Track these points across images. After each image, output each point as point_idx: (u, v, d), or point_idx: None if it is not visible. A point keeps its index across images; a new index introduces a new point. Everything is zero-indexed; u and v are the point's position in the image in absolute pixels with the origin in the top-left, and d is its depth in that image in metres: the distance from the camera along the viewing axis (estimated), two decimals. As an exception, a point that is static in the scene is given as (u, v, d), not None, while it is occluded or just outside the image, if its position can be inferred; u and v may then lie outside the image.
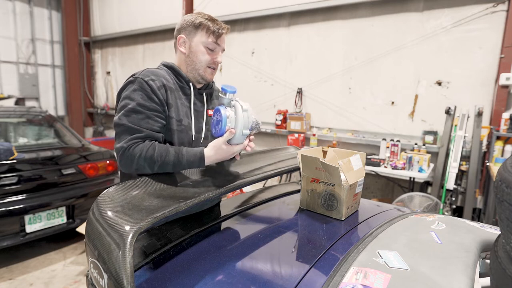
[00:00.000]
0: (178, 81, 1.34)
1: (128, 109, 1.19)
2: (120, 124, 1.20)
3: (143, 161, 1.15)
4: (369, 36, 4.18)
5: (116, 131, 1.22)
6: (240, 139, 1.18)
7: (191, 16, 1.33)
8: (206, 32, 1.30)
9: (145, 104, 1.20)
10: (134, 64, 7.15)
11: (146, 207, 0.97)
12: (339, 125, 4.56)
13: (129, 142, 1.17)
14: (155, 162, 1.15)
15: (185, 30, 1.33)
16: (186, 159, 1.18)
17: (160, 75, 1.28)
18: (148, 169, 1.17)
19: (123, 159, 1.17)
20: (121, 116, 1.20)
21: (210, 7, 5.51)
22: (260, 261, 1.00)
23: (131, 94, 1.21)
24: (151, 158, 1.15)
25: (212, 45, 1.31)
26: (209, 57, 1.32)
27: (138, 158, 1.15)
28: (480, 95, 3.57)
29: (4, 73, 7.08)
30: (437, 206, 3.17)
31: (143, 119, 1.19)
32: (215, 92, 1.50)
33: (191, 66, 1.34)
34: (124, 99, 1.22)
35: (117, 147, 1.19)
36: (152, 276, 0.95)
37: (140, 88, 1.21)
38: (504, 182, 0.70)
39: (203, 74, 1.34)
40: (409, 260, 0.90)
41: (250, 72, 5.29)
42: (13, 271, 2.96)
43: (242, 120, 1.15)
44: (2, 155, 2.83)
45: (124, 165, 1.18)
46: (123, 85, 1.26)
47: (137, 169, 1.17)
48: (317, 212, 1.32)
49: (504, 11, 3.38)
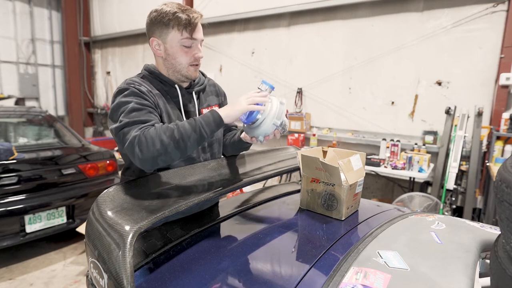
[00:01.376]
0: (163, 86, 1.28)
1: (127, 110, 1.11)
2: (123, 124, 1.09)
3: (162, 134, 1.04)
4: (369, 36, 4.18)
5: (120, 133, 1.09)
6: (268, 128, 1.16)
7: (157, 13, 1.21)
8: (178, 29, 1.19)
9: (143, 102, 1.15)
10: (134, 64, 7.15)
11: (146, 207, 0.97)
12: (339, 125, 4.56)
13: (140, 129, 1.06)
14: (173, 129, 1.05)
15: (156, 31, 1.22)
16: (198, 117, 1.11)
17: (143, 82, 1.23)
18: (168, 144, 1.04)
19: (141, 145, 1.03)
20: (121, 118, 1.11)
21: (210, 7, 5.51)
22: (260, 261, 1.00)
23: (123, 99, 1.14)
24: (167, 128, 1.06)
25: (188, 42, 1.21)
26: (188, 56, 1.23)
27: (155, 134, 1.04)
28: (480, 95, 3.57)
29: (4, 73, 7.08)
30: (437, 206, 3.17)
31: (145, 114, 1.12)
32: (209, 87, 1.44)
33: (172, 69, 1.27)
34: (118, 107, 1.14)
35: (130, 140, 1.05)
36: (152, 276, 0.95)
37: (132, 92, 1.16)
38: (504, 182, 0.70)
39: (187, 74, 1.27)
40: (409, 260, 0.90)
41: (250, 72, 5.29)
42: (13, 271, 2.96)
43: (276, 109, 1.15)
44: (2, 155, 2.83)
45: (145, 151, 1.03)
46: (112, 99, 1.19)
47: (158, 151, 1.03)
48: (317, 212, 1.32)
49: (504, 11, 3.38)
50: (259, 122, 1.16)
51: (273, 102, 1.16)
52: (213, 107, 1.42)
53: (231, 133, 1.53)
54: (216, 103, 1.46)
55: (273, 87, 1.18)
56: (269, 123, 1.15)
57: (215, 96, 1.47)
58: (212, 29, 5.62)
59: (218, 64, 5.65)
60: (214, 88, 1.48)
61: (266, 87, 1.17)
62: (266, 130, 1.17)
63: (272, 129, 1.17)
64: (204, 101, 1.40)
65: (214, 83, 1.50)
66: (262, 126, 1.16)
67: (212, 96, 1.45)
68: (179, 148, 1.07)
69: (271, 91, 1.19)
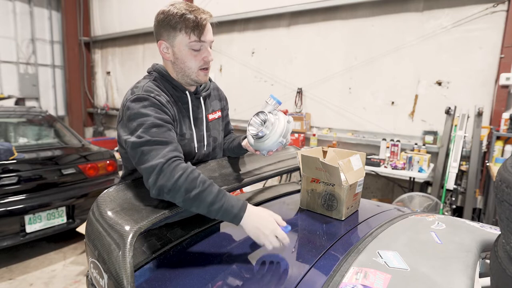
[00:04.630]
0: (174, 91, 1.24)
1: (147, 125, 1.05)
2: (143, 141, 1.03)
3: (183, 182, 0.97)
4: (369, 36, 4.18)
5: (139, 150, 1.03)
6: (273, 145, 1.17)
7: (164, 15, 1.15)
8: (186, 32, 1.13)
9: (162, 117, 1.09)
10: (134, 64, 7.15)
11: (146, 207, 0.97)
12: (339, 125, 4.56)
13: (166, 155, 1.00)
14: (195, 187, 0.98)
15: (164, 33, 1.17)
16: (227, 198, 1.01)
17: (160, 91, 1.18)
18: (180, 194, 0.98)
19: (160, 174, 0.98)
20: (140, 133, 1.04)
21: (210, 7, 5.51)
22: (260, 261, 1.00)
23: (142, 110, 1.08)
24: (193, 180, 0.98)
25: (197, 45, 1.16)
26: (198, 60, 1.18)
27: (179, 176, 0.97)
28: (480, 95, 3.57)
29: (4, 73, 7.08)
30: (437, 206, 3.17)
31: (165, 132, 1.06)
32: (213, 92, 1.42)
33: (181, 73, 1.22)
34: (136, 117, 1.07)
35: (152, 164, 0.99)
36: (152, 276, 0.95)
37: (151, 103, 1.10)
38: (504, 182, 0.70)
39: (197, 79, 1.22)
40: (409, 260, 0.90)
41: (250, 72, 5.29)
42: (13, 271, 2.96)
43: (283, 128, 1.16)
44: (2, 155, 2.83)
45: (160, 182, 0.98)
46: (126, 104, 1.11)
47: (169, 191, 0.98)
48: (317, 212, 1.32)
49: (504, 11, 3.38)
50: (265, 138, 1.16)
51: (280, 120, 1.17)
52: (217, 112, 1.41)
53: (229, 137, 1.51)
54: (219, 108, 1.43)
55: (280, 102, 1.19)
56: (275, 141, 1.16)
57: (218, 101, 1.44)
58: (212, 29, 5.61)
59: (218, 64, 5.65)
60: (217, 92, 1.46)
61: (274, 102, 1.18)
62: (271, 146, 1.18)
63: (277, 146, 1.18)
64: (209, 106, 1.37)
65: (217, 86, 1.48)
66: (268, 143, 1.17)
67: (215, 100, 1.42)
68: (185, 203, 1.00)
69: (278, 106, 1.19)
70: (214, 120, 1.39)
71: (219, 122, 1.42)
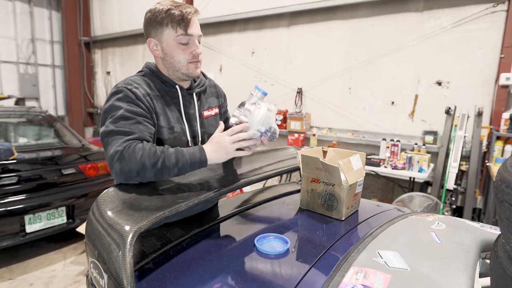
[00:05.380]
0: (164, 86, 1.26)
1: (116, 116, 1.09)
2: (108, 131, 1.07)
3: (146, 159, 1.02)
4: (369, 36, 4.18)
5: (105, 141, 1.08)
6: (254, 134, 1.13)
7: (151, 13, 1.19)
8: (172, 26, 1.16)
9: (133, 110, 1.11)
10: (134, 64, 7.15)
11: (146, 207, 0.97)
12: (339, 125, 4.56)
13: (124, 143, 1.04)
14: (159, 158, 1.03)
15: (152, 31, 1.21)
16: (186, 152, 1.08)
17: (143, 83, 1.21)
18: (149, 170, 1.03)
19: (122, 162, 1.02)
20: (108, 124, 1.08)
21: (210, 7, 5.51)
22: (260, 261, 1.00)
23: (115, 102, 1.12)
24: (154, 154, 1.03)
25: (184, 38, 1.18)
26: (186, 53, 1.20)
27: (141, 156, 1.02)
28: (480, 95, 3.57)
29: (4, 73, 7.07)
30: (437, 206, 3.17)
31: (133, 124, 1.09)
32: (210, 89, 1.43)
33: (172, 68, 1.24)
34: (109, 110, 1.12)
35: (111, 153, 1.04)
36: (152, 276, 0.95)
37: (125, 96, 1.13)
38: (504, 182, 0.70)
39: (187, 72, 1.24)
40: (409, 260, 0.90)
41: (250, 72, 5.29)
42: (13, 271, 2.96)
43: (262, 116, 1.12)
44: (2, 155, 2.83)
45: (125, 169, 1.03)
46: (107, 97, 1.16)
47: (137, 172, 1.03)
48: (317, 212, 1.32)
49: (504, 11, 3.38)
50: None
51: (260, 109, 1.13)
52: (213, 108, 1.42)
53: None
54: (216, 105, 1.44)
55: (265, 93, 1.15)
56: (254, 129, 1.13)
57: (216, 98, 1.45)
58: (212, 29, 5.62)
59: (218, 64, 5.65)
60: (215, 89, 1.47)
61: (259, 93, 1.14)
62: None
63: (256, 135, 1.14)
64: (205, 103, 1.38)
65: (215, 84, 1.49)
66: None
67: (212, 97, 1.43)
68: (156, 176, 1.06)
69: (263, 97, 1.15)
70: (210, 117, 1.40)
71: (216, 119, 1.43)
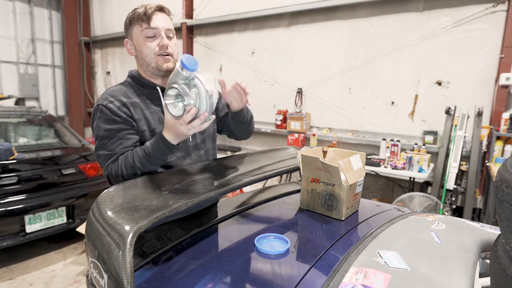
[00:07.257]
0: (145, 89, 1.30)
1: (99, 138, 1.23)
2: (97, 155, 1.25)
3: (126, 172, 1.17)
4: (369, 36, 4.18)
5: (98, 160, 1.27)
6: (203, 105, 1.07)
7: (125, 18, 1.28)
8: (137, 23, 1.23)
9: (111, 128, 1.21)
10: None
11: (146, 207, 0.97)
12: (339, 125, 4.56)
13: (106, 168, 1.21)
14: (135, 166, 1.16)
15: (126, 32, 1.29)
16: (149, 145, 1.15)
17: (120, 93, 1.26)
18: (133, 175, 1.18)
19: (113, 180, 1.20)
20: (96, 147, 1.25)
21: (210, 7, 5.51)
22: (260, 261, 1.00)
23: (97, 122, 1.23)
24: (131, 167, 1.16)
25: (150, 32, 1.22)
26: (153, 46, 1.23)
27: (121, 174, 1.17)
28: (480, 95, 3.57)
29: (4, 73, 7.07)
30: (437, 206, 3.17)
31: (115, 142, 1.21)
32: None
33: (144, 65, 1.28)
34: (94, 130, 1.25)
35: (104, 174, 1.25)
36: (152, 276, 0.95)
37: (102, 114, 1.22)
38: (504, 182, 0.70)
39: (157, 65, 1.25)
40: (409, 260, 0.90)
41: (250, 72, 5.29)
42: (13, 271, 2.96)
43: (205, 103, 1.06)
44: (2, 155, 2.83)
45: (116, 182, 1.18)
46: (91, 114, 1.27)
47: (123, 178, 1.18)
48: (317, 212, 1.32)
49: (504, 11, 3.38)
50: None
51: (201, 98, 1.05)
52: None
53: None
54: None
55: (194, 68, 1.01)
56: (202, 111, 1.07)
57: None
58: (212, 29, 5.62)
59: (218, 64, 5.65)
60: None
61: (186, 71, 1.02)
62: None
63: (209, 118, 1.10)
64: None
65: None
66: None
67: None
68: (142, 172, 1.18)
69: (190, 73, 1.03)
70: None
71: None
